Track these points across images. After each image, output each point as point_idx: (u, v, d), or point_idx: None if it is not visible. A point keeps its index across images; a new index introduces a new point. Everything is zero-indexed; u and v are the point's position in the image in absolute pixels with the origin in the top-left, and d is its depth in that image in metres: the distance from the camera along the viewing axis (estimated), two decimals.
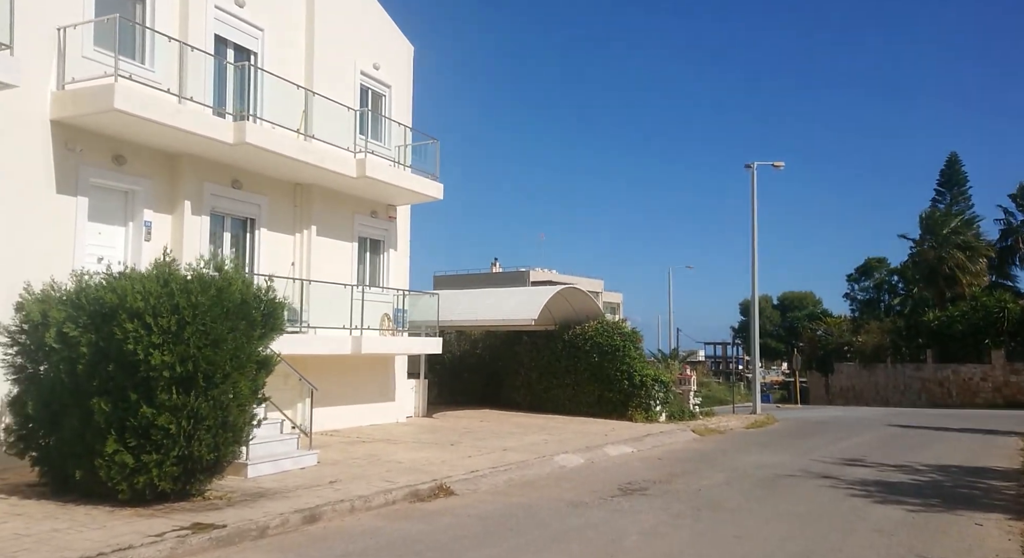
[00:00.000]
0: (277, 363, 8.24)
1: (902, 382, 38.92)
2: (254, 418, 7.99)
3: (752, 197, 23.97)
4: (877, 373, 41.50)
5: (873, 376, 41.91)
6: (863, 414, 25.89)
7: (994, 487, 10.39)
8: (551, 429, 15.93)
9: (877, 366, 41.55)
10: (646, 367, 18.60)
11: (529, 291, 18.11)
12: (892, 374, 39.97)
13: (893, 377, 39.84)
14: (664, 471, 11.40)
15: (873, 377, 41.90)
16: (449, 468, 10.21)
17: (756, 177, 24.05)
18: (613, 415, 18.55)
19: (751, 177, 24.11)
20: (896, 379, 39.52)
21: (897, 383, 39.41)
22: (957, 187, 51.10)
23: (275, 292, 8.33)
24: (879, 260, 55.38)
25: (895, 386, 39.62)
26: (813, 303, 71.30)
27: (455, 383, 22.16)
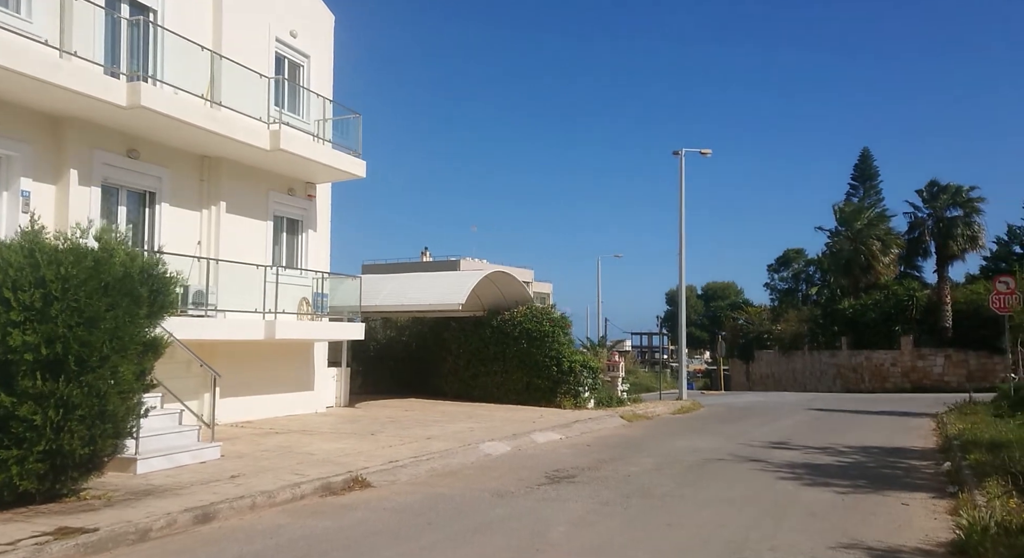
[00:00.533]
0: (168, 346, 7.36)
1: (818, 368, 40.34)
2: (140, 407, 7.10)
3: (680, 184, 24.05)
4: (795, 360, 42.91)
5: (791, 363, 43.32)
6: (784, 399, 26.53)
7: (914, 466, 10.50)
8: (478, 417, 15.41)
9: (795, 353, 42.95)
10: (575, 353, 18.31)
11: (457, 275, 17.50)
12: (809, 361, 41.39)
13: (810, 364, 41.26)
14: (592, 457, 11.05)
15: (791, 364, 43.31)
16: (367, 459, 9.53)
17: (684, 165, 24.14)
18: (542, 402, 18.20)
19: (679, 164, 24.19)
20: (813, 365, 40.94)
21: (814, 369, 40.84)
22: (869, 181, 53.26)
23: (166, 266, 7.43)
24: (797, 251, 57.33)
25: (812, 372, 41.04)
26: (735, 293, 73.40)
27: (380, 371, 21.36)
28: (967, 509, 6.77)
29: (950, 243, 38.09)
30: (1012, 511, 6.30)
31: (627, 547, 6.09)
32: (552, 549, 6.00)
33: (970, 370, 33.86)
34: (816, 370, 40.56)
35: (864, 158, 54.38)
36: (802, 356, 42.06)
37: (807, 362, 41.53)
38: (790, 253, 57.83)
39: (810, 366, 41.22)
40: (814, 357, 40.83)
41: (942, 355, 34.62)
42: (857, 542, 6.17)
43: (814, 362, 40.81)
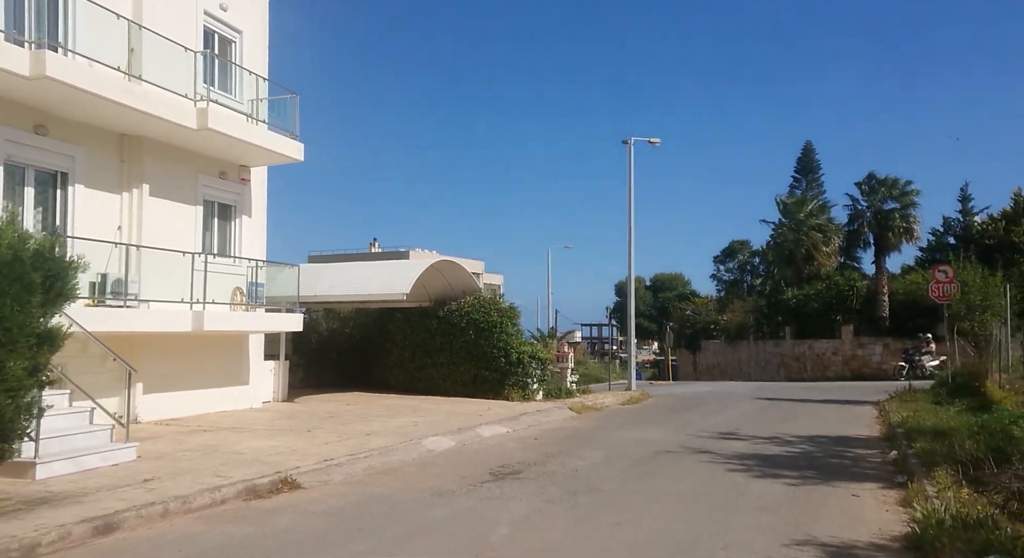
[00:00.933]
0: (67, 337, 6.62)
1: (763, 358, 41.05)
2: (34, 406, 6.36)
3: (629, 173, 23.89)
4: (740, 350, 43.58)
5: (737, 353, 44.00)
6: (731, 389, 26.75)
7: (861, 456, 10.44)
8: (423, 411, 14.89)
9: (740, 343, 43.62)
10: (523, 344, 17.93)
11: (401, 264, 16.88)
12: (754, 350, 42.07)
13: (755, 353, 41.95)
14: (540, 452, 10.67)
15: (737, 354, 43.98)
16: (299, 458, 8.92)
17: (633, 154, 23.96)
18: (489, 394, 17.77)
19: (628, 153, 24.00)
20: (758, 355, 41.64)
21: (759, 359, 41.54)
22: (811, 174, 54.52)
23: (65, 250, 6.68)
24: (742, 243, 58.32)
25: (757, 362, 41.75)
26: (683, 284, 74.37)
27: (322, 364, 20.60)
28: (919, 501, 6.62)
29: (887, 235, 39.13)
30: (966, 503, 6.15)
31: (573, 549, 5.71)
32: (494, 553, 5.57)
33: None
34: (761, 359, 41.26)
35: (807, 151, 55.61)
36: (747, 346, 42.74)
37: (752, 352, 42.22)
38: (735, 244, 58.81)
39: (755, 356, 41.91)
40: (759, 347, 41.52)
41: (880, 344, 35.56)
42: (811, 538, 5.92)
43: (759, 352, 41.51)
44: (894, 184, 39.89)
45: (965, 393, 16.43)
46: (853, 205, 43.61)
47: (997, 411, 12.76)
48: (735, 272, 58.63)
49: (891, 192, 39.98)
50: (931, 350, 33.05)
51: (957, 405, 15.48)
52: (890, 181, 39.93)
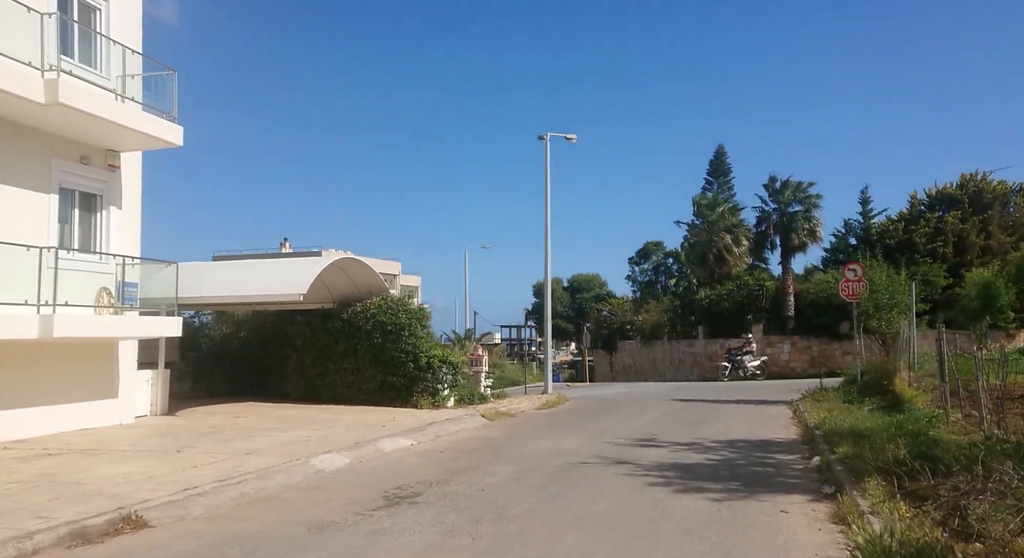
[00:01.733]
0: None
1: (677, 357, 41.43)
2: None
3: (546, 170, 23.21)
4: (655, 350, 43.91)
5: (652, 352, 44.32)
6: (647, 390, 26.51)
7: (783, 462, 9.94)
8: (321, 422, 13.57)
9: (656, 343, 43.96)
10: (434, 348, 16.83)
11: (300, 262, 15.46)
12: (668, 350, 42.45)
13: (669, 353, 42.33)
14: (445, 467, 9.63)
15: (652, 353, 44.30)
16: (154, 486, 7.55)
17: (549, 150, 23.29)
18: (397, 402, 16.59)
19: (544, 150, 23.33)
20: (672, 355, 42.01)
21: (673, 359, 41.92)
22: (723, 176, 55.77)
23: None
24: (656, 244, 59.19)
25: (671, 361, 42.12)
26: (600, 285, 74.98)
27: (215, 373, 18.83)
28: (856, 519, 6.01)
29: (792, 236, 40.28)
30: (909, 523, 5.55)
31: None
32: None
33: (813, 356, 35.85)
34: (675, 359, 41.63)
35: (718, 154, 56.90)
36: (662, 345, 43.08)
37: (667, 351, 42.57)
38: (650, 246, 59.59)
39: (669, 355, 42.27)
40: (673, 346, 41.90)
41: (788, 342, 36.43)
42: None
43: (673, 351, 41.88)
44: (798, 187, 41.08)
45: (875, 391, 16.52)
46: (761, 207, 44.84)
47: (910, 410, 12.66)
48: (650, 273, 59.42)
49: (795, 194, 41.15)
50: (752, 350, 34.02)
51: (868, 404, 15.48)
52: (793, 184, 41.09)
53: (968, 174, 35.73)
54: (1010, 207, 34.94)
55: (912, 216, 35.92)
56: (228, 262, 16.02)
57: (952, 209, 34.78)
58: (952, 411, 11.89)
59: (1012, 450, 7.76)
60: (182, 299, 14.29)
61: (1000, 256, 31.35)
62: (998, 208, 34.09)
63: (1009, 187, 35.11)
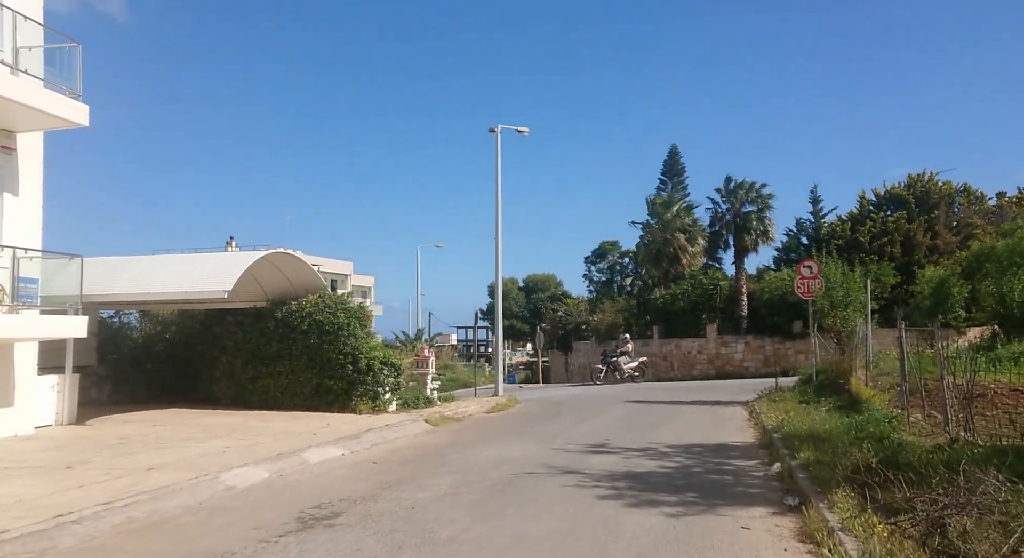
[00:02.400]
0: None
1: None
2: None
3: (496, 164, 22.33)
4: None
5: None
6: (601, 391, 25.90)
7: (742, 469, 9.28)
8: (247, 430, 12.45)
9: (611, 343, 43.50)
10: (374, 349, 15.81)
11: (227, 257, 14.28)
12: None
13: None
14: (375, 481, 8.69)
15: None
16: (22, 512, 6.43)
17: (500, 144, 22.45)
18: (335, 407, 15.52)
19: (495, 143, 22.46)
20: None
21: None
22: (677, 177, 55.86)
23: None
24: (612, 243, 58.87)
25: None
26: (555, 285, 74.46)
27: (138, 377, 17.43)
28: (828, 541, 5.31)
29: (745, 236, 40.36)
30: (888, 545, 4.85)
31: None
32: None
33: (766, 355, 35.83)
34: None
35: (672, 154, 56.96)
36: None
37: None
38: (606, 245, 59.28)
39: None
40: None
41: (742, 342, 36.35)
42: None
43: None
44: (751, 187, 41.19)
45: (831, 391, 16.14)
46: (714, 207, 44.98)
47: (868, 411, 12.20)
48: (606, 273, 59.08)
49: (749, 195, 41.26)
50: (628, 351, 33.92)
51: (825, 404, 15.06)
52: (747, 184, 41.19)
53: (915, 174, 36.19)
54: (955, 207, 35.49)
55: (860, 216, 36.22)
56: (149, 257, 14.70)
57: (899, 209, 35.16)
58: (912, 411, 11.48)
59: (985, 455, 7.23)
60: (93, 297, 13.02)
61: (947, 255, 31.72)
62: (944, 208, 34.59)
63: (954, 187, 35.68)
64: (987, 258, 17.48)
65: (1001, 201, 36.34)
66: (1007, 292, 16.83)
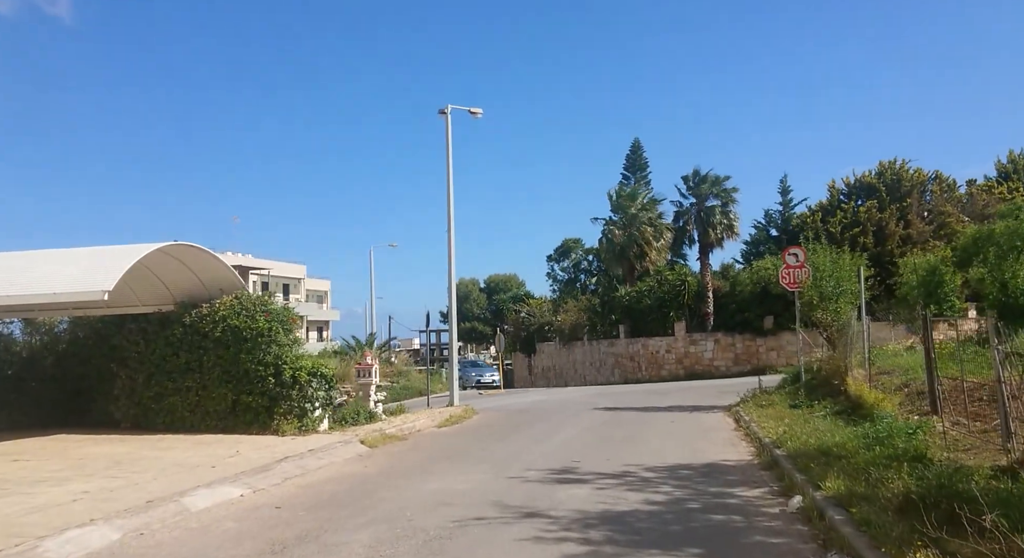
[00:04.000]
0: None
1: (598, 358, 39.23)
2: None
3: (447, 148, 20.12)
4: (575, 351, 41.62)
5: (572, 354, 42.00)
6: (566, 396, 23.85)
7: (749, 503, 7.25)
8: (130, 464, 10.03)
9: (575, 344, 41.68)
10: (300, 359, 13.43)
11: (113, 251, 11.77)
12: (589, 351, 40.23)
13: (590, 354, 40.10)
14: (267, 538, 6.42)
15: (572, 355, 41.98)
16: None
17: (451, 125, 20.26)
18: (254, 427, 13.14)
19: (446, 125, 20.26)
20: (592, 355, 39.80)
21: (593, 359, 39.69)
22: (640, 171, 54.32)
23: None
24: (576, 240, 57.07)
25: (591, 362, 39.88)
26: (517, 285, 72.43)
27: (20, 398, 14.72)
28: None
29: (710, 231, 38.99)
30: None
31: None
32: None
33: (737, 354, 34.30)
34: (596, 360, 39.41)
35: (635, 148, 55.45)
36: (582, 346, 40.83)
37: (587, 352, 40.34)
38: (569, 243, 57.44)
39: (590, 356, 40.04)
40: (593, 347, 39.70)
41: (711, 340, 34.77)
42: None
43: (593, 352, 39.67)
44: (715, 181, 39.83)
45: (825, 393, 14.33)
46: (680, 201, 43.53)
47: (879, 418, 10.31)
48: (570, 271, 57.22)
49: (713, 189, 39.90)
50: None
51: (820, 408, 13.24)
52: (711, 177, 39.83)
53: (886, 162, 35.07)
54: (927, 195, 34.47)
55: (831, 206, 34.98)
56: (23, 252, 12.10)
57: (871, 198, 33.97)
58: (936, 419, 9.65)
59: None
60: None
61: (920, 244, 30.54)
62: (916, 196, 33.51)
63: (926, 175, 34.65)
64: (986, 242, 15.89)
65: (971, 189, 35.51)
66: (1010, 279, 15.27)
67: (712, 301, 36.23)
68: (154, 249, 11.79)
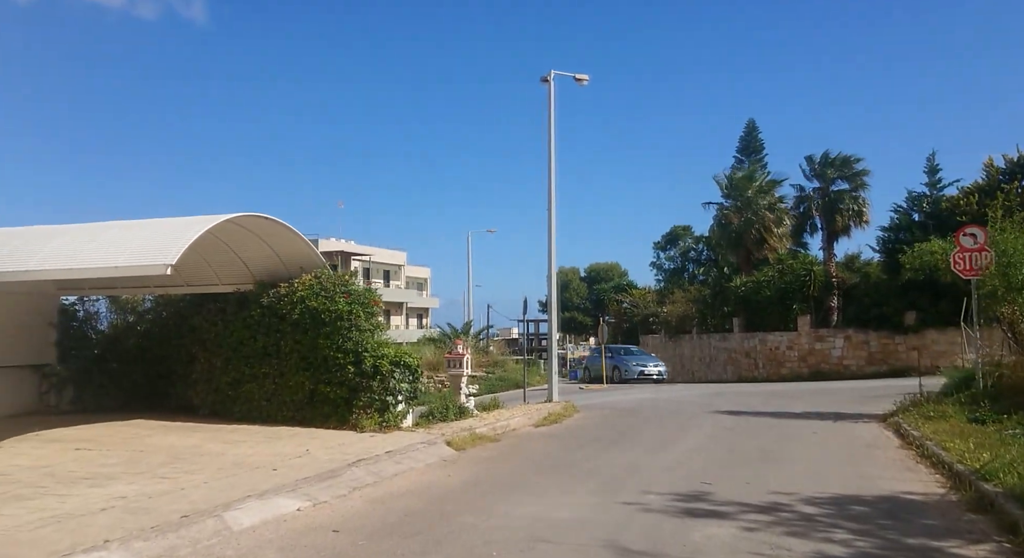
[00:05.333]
0: None
1: (708, 353, 36.37)
2: None
3: (549, 117, 18.26)
4: (683, 345, 38.89)
5: (679, 348, 39.29)
6: (677, 395, 21.52)
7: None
8: (189, 460, 8.90)
9: (683, 337, 38.97)
10: (383, 346, 12.02)
11: (179, 223, 10.74)
12: (698, 345, 37.42)
13: (699, 348, 37.28)
14: None
15: (679, 349, 39.26)
16: None
17: (555, 94, 18.38)
18: (332, 421, 11.86)
19: (548, 93, 18.41)
20: (702, 350, 36.97)
21: (703, 354, 36.86)
22: (755, 154, 50.36)
23: None
24: (685, 228, 53.79)
25: (701, 358, 37.07)
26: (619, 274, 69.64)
27: (104, 378, 14.20)
28: None
29: (837, 217, 35.34)
30: None
31: None
32: None
33: (871, 352, 30.58)
34: (706, 355, 36.56)
35: (749, 130, 51.51)
36: (690, 340, 38.06)
37: (696, 346, 37.53)
38: (678, 230, 54.22)
39: (699, 351, 37.22)
40: (703, 341, 36.85)
41: (841, 336, 31.19)
42: None
43: (703, 346, 36.83)
44: (844, 162, 36.03)
45: (1014, 404, 11.50)
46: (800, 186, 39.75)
47: None
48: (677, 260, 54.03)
49: (841, 171, 36.13)
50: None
51: (1012, 424, 10.51)
52: (839, 159, 36.05)
53: None
54: None
55: (989, 187, 30.34)
56: (89, 225, 11.32)
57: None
58: None
59: None
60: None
61: None
62: None
63: None
64: None
65: None
66: None
67: (839, 293, 32.65)
68: (223, 220, 10.63)
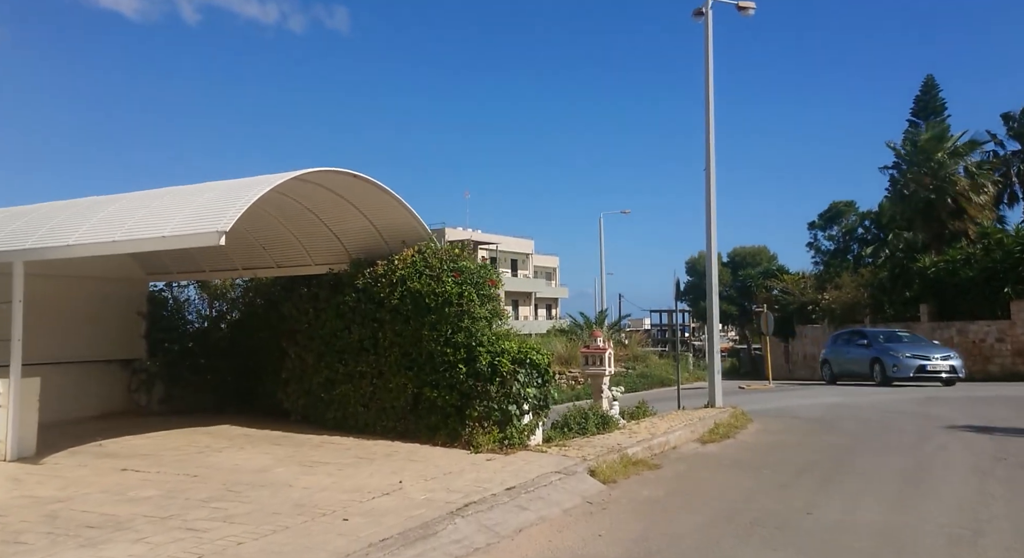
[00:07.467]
0: None
1: None
2: None
3: (707, 53, 14.68)
4: None
5: None
6: (873, 400, 17.18)
7: None
8: (243, 492, 6.53)
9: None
10: (503, 338, 9.16)
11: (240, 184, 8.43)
12: None
13: None
14: None
15: None
16: None
17: (712, 24, 14.79)
18: (439, 435, 9.21)
19: (705, 26, 14.85)
20: None
21: None
22: (934, 116, 43.09)
23: None
24: (848, 203, 47.32)
25: None
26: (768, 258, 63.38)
27: (192, 374, 12.49)
28: None
29: None
30: None
31: None
32: None
33: None
34: None
35: (927, 88, 44.22)
36: None
37: None
38: (839, 206, 47.81)
39: None
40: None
41: None
42: None
43: None
44: None
45: None
46: (993, 150, 33.05)
47: None
48: (839, 240, 47.68)
49: None
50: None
51: None
52: None
53: None
54: None
55: None
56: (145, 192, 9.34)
57: None
58: None
59: None
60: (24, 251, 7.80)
61: None
62: None
63: None
64: None
65: None
66: None
67: None
68: (290, 178, 8.16)
